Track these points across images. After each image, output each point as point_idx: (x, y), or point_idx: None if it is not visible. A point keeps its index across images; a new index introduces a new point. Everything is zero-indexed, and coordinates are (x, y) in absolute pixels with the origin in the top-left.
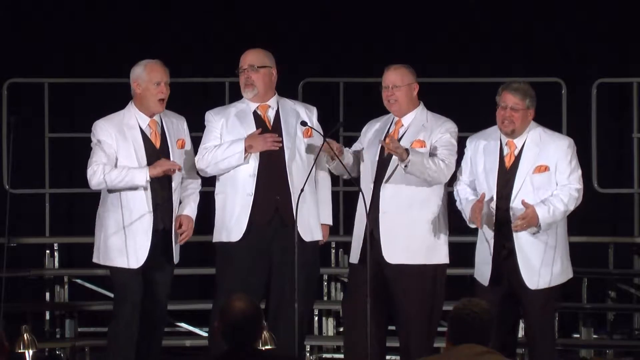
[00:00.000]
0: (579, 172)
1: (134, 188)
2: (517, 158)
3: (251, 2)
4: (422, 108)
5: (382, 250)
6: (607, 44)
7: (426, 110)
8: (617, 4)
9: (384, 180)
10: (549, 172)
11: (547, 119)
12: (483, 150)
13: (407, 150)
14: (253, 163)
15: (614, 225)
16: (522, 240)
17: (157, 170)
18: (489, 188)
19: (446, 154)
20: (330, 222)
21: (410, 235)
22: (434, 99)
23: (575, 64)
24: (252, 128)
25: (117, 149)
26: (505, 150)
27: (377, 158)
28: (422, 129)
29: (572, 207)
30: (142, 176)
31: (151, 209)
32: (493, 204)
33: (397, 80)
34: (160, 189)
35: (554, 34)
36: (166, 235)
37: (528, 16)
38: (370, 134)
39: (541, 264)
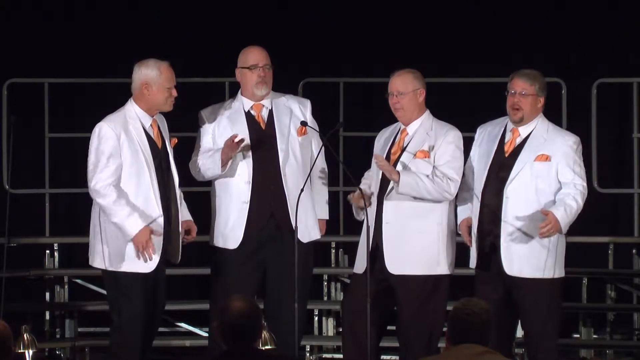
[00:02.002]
0: (583, 169)
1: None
2: (520, 146)
3: (251, 2)
4: (427, 115)
5: (385, 261)
6: (607, 44)
7: (432, 118)
8: (617, 4)
9: (387, 192)
10: (550, 163)
11: (547, 119)
12: (487, 136)
13: (397, 171)
14: (247, 170)
15: (614, 225)
16: (509, 225)
17: (138, 243)
18: (478, 171)
19: (449, 172)
20: (326, 217)
21: (412, 247)
22: (434, 99)
23: (575, 64)
24: (244, 129)
25: (124, 152)
26: (507, 137)
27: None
28: (427, 137)
29: (582, 204)
30: (132, 229)
31: (162, 213)
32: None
33: (400, 87)
34: (164, 189)
35: (554, 34)
36: (167, 235)
37: (528, 16)
38: (379, 144)
39: (522, 252)
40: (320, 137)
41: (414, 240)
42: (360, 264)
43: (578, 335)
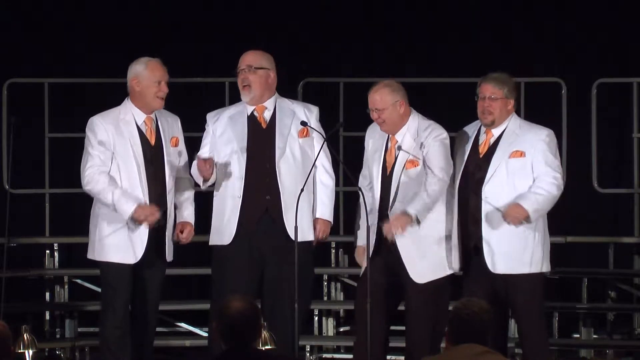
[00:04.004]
0: (557, 161)
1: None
2: (494, 145)
3: (251, 2)
4: (412, 119)
5: (409, 272)
6: (607, 44)
7: (416, 119)
8: (617, 5)
9: (390, 202)
10: (525, 159)
11: (547, 119)
12: (463, 141)
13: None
14: (239, 165)
15: (614, 225)
16: (489, 225)
17: (139, 216)
18: (455, 174)
19: (440, 173)
20: (330, 219)
21: (428, 253)
22: (433, 99)
23: (575, 64)
24: (243, 130)
25: (114, 145)
26: (481, 139)
27: (380, 177)
28: (414, 144)
29: (555, 192)
30: (128, 209)
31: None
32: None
33: (379, 104)
34: (155, 185)
35: (554, 34)
36: (159, 232)
37: (528, 16)
38: (370, 147)
39: (505, 250)
40: (322, 137)
41: (426, 247)
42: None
43: (578, 335)
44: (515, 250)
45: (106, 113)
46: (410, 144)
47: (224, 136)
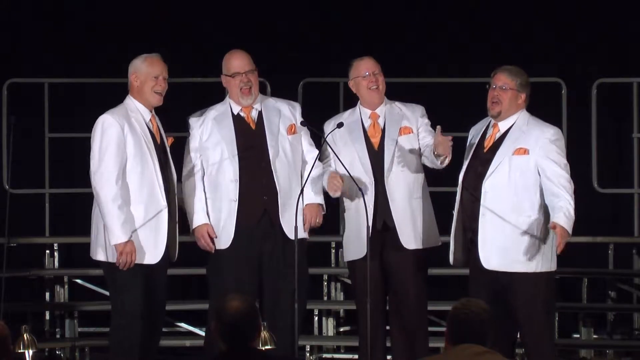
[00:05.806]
0: (564, 161)
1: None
2: (499, 141)
3: (251, 2)
4: (387, 100)
5: (400, 239)
6: (607, 44)
7: (392, 101)
8: (616, 5)
9: (386, 171)
10: (528, 156)
11: (547, 119)
12: (474, 136)
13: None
14: (233, 168)
15: (614, 225)
16: (487, 220)
17: (123, 252)
18: (461, 170)
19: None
20: (321, 201)
21: (420, 220)
22: (434, 99)
23: (575, 64)
24: (230, 131)
25: (127, 140)
26: (488, 133)
27: (366, 152)
28: (399, 116)
29: (572, 198)
30: (119, 238)
31: (166, 204)
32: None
33: (377, 68)
34: (165, 183)
35: (554, 34)
36: (170, 230)
37: (528, 16)
38: (342, 133)
39: (502, 246)
40: (321, 137)
41: (417, 214)
42: (359, 250)
43: (578, 335)
44: (510, 247)
45: (115, 110)
46: (396, 116)
47: (211, 140)
